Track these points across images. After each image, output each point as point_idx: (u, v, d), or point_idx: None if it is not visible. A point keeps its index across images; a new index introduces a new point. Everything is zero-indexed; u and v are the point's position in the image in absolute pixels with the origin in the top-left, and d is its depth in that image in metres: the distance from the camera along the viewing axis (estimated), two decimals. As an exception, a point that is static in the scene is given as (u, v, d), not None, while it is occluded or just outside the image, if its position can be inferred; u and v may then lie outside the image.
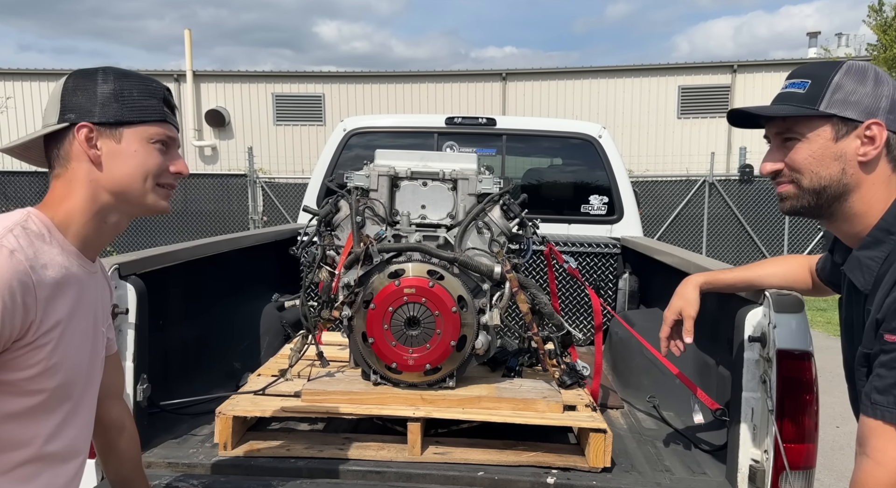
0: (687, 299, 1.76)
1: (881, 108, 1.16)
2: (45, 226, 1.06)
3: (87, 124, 1.08)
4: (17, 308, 0.96)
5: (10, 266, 0.95)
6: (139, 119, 1.12)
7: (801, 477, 1.65)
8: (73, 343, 1.07)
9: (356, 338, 2.01)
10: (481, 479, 1.80)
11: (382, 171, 2.12)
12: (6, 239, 0.98)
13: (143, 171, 1.12)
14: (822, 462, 4.16)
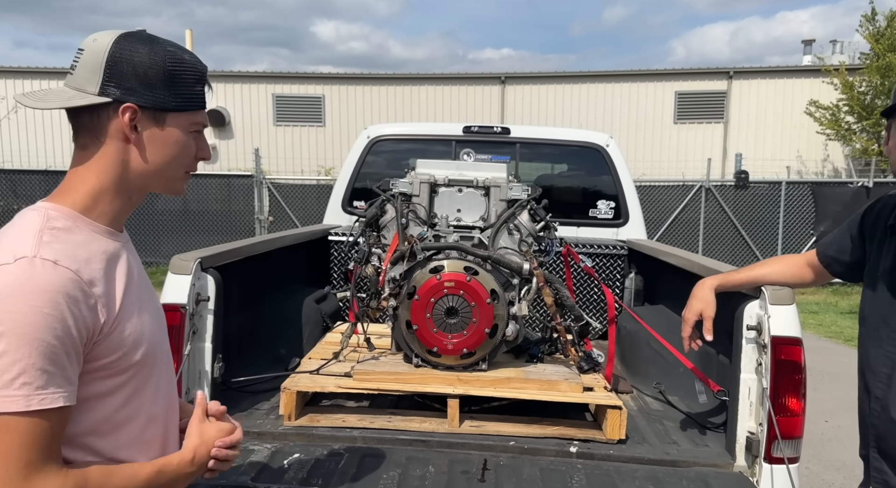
0: (706, 301, 2.00)
1: None
2: (69, 219, 1.00)
3: (133, 105, 1.00)
4: (85, 312, 0.93)
5: (59, 277, 0.91)
6: (184, 106, 1.06)
7: (790, 445, 1.93)
8: (138, 315, 1.05)
9: (400, 326, 2.28)
10: (513, 448, 2.07)
11: (423, 179, 2.39)
12: (43, 250, 0.92)
13: (180, 159, 1.08)
14: (812, 453, 4.48)
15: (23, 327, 0.87)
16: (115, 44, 1.01)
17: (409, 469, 1.90)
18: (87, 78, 1.00)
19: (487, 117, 17.88)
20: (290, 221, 12.11)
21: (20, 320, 0.87)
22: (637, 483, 1.88)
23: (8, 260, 0.90)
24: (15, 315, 0.87)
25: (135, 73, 1.00)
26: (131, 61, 1.00)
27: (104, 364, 0.98)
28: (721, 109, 17.70)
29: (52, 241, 0.94)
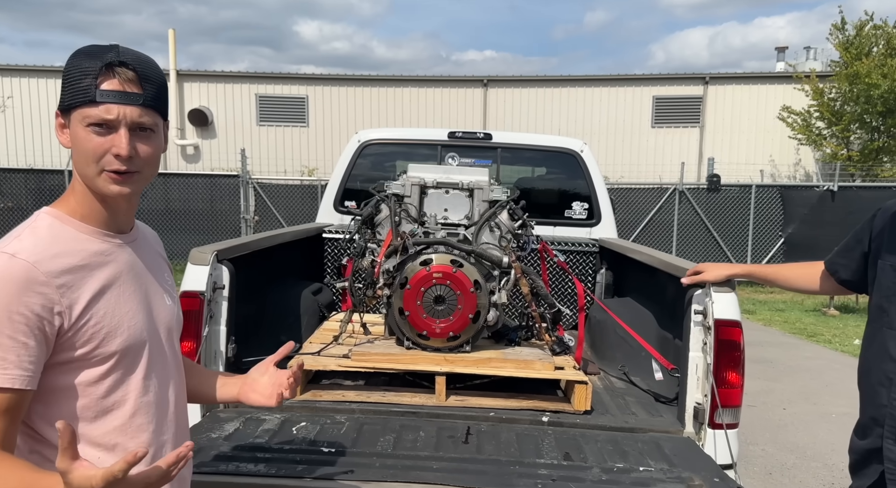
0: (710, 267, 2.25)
1: None
2: (54, 219, 1.10)
3: (57, 110, 1.09)
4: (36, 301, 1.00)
5: (13, 267, 0.99)
6: (74, 102, 1.06)
7: (730, 413, 2.25)
8: (121, 308, 1.11)
9: (394, 312, 2.56)
10: (492, 418, 2.37)
11: (414, 181, 2.68)
12: (12, 245, 1.03)
13: (84, 156, 1.07)
14: (769, 436, 4.86)
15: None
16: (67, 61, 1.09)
17: (402, 434, 2.19)
18: None
19: (470, 119, 18.18)
20: (275, 221, 12.31)
21: None
22: (599, 445, 2.18)
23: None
24: None
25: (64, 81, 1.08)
26: (65, 71, 1.09)
27: (80, 354, 1.05)
28: (697, 114, 18.18)
29: (25, 238, 1.04)
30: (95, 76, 1.05)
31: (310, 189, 13.25)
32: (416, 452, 2.05)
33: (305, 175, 15.68)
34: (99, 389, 1.09)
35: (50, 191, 12.43)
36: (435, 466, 1.94)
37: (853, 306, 9.92)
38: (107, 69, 1.06)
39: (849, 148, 15.63)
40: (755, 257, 12.39)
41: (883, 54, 14.61)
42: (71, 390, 1.06)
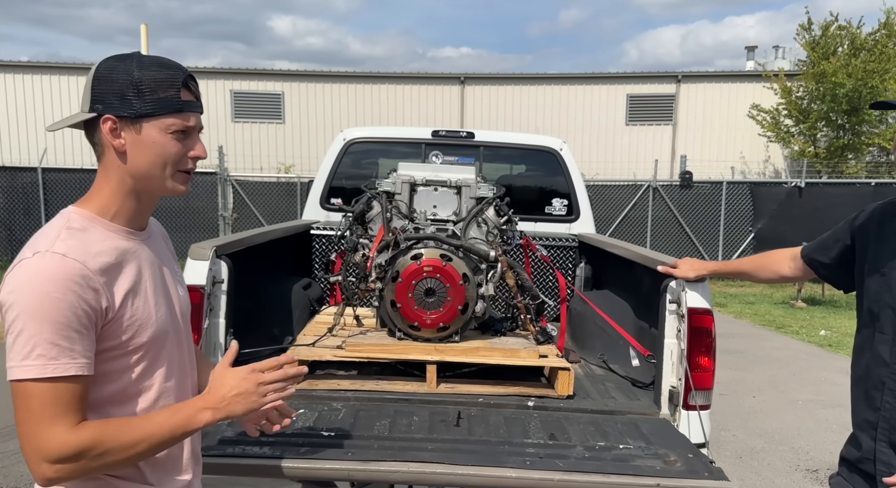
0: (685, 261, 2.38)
1: None
2: (85, 219, 1.18)
3: (111, 117, 1.15)
4: (87, 297, 1.09)
5: (63, 267, 1.08)
6: (156, 111, 1.16)
7: (702, 395, 2.41)
8: (149, 302, 1.22)
9: (386, 304, 2.68)
10: (481, 403, 2.50)
11: (405, 179, 2.80)
12: (56, 245, 1.10)
13: (162, 161, 1.18)
14: (739, 422, 5.09)
15: (36, 309, 1.05)
16: (99, 67, 1.18)
17: (397, 418, 2.31)
18: (83, 100, 1.19)
19: (447, 117, 18.30)
20: (254, 218, 12.30)
21: (33, 304, 1.06)
22: (581, 426, 2.33)
23: (28, 255, 1.10)
24: (29, 300, 1.06)
25: (111, 89, 1.16)
26: (108, 79, 1.16)
27: (116, 344, 1.16)
28: (670, 112, 18.55)
29: (67, 239, 1.12)
30: (178, 88, 1.19)
31: (287, 186, 13.25)
32: (411, 435, 2.17)
33: (282, 172, 15.65)
34: (130, 376, 1.20)
35: (22, 190, 12.26)
36: (430, 447, 2.06)
37: (819, 299, 10.29)
38: (189, 82, 1.21)
39: (816, 145, 16.11)
40: (726, 251, 12.74)
41: (847, 54, 15.10)
42: (107, 377, 1.17)
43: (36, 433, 1.07)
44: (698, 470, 2.00)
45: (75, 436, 1.07)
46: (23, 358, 1.06)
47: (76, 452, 1.07)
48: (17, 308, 1.06)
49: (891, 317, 1.60)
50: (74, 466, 1.08)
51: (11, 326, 1.07)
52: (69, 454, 1.07)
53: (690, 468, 2.01)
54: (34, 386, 1.06)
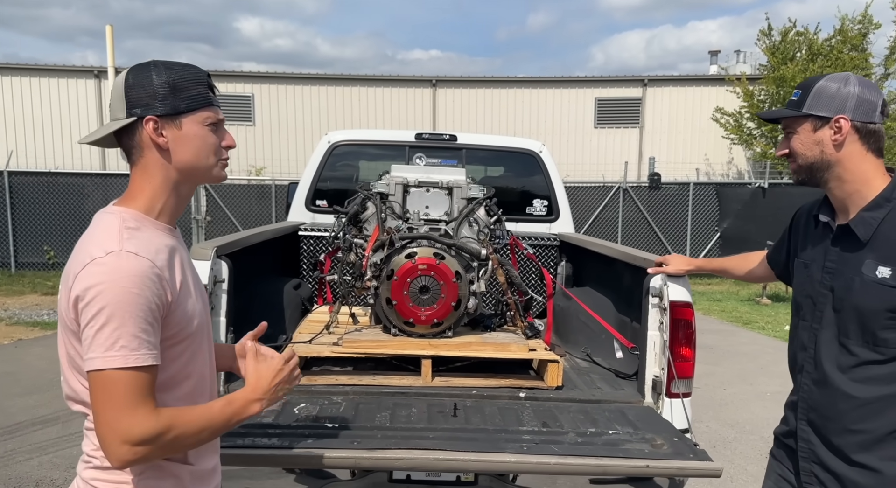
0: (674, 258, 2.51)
1: (848, 107, 1.58)
2: (137, 220, 1.25)
3: (152, 117, 1.24)
4: (160, 292, 1.20)
5: (140, 266, 1.17)
6: (193, 107, 1.27)
7: (684, 383, 2.56)
8: (193, 293, 1.32)
9: (381, 302, 2.77)
10: (475, 395, 2.61)
11: (398, 181, 2.90)
12: (127, 245, 1.18)
13: (206, 151, 1.30)
14: (711, 414, 5.30)
15: (119, 304, 1.14)
16: (128, 76, 1.27)
17: (396, 410, 2.40)
18: (118, 107, 1.27)
19: (420, 119, 18.37)
20: (228, 221, 12.21)
21: (116, 299, 1.14)
22: (572, 415, 2.45)
23: (100, 254, 1.17)
24: (112, 295, 1.14)
25: (147, 92, 1.25)
26: (143, 84, 1.25)
27: (172, 334, 1.25)
28: (637, 115, 18.93)
29: (130, 238, 1.20)
30: (205, 84, 1.30)
31: (260, 189, 13.18)
32: (411, 425, 2.27)
33: (253, 174, 15.53)
34: (176, 364, 1.29)
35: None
36: (431, 436, 2.16)
37: (784, 295, 10.68)
38: (210, 80, 1.33)
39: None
40: (693, 250, 13.09)
41: (806, 59, 15.63)
42: (162, 364, 1.24)
43: (119, 418, 1.15)
44: (684, 452, 2.14)
45: (155, 420, 1.16)
46: (106, 349, 1.14)
47: (155, 434, 1.16)
48: (100, 302, 1.14)
49: (810, 306, 1.72)
50: (151, 448, 1.16)
51: (93, 320, 1.14)
52: (150, 436, 1.15)
53: (676, 450, 2.14)
54: (117, 374, 1.15)
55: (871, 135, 1.61)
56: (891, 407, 1.58)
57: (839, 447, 1.66)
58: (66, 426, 4.58)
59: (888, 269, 1.55)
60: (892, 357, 1.57)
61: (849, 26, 15.58)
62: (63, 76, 17.53)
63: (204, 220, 12.02)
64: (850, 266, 1.62)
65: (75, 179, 12.37)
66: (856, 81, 1.61)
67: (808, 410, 1.73)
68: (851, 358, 1.62)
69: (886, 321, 1.56)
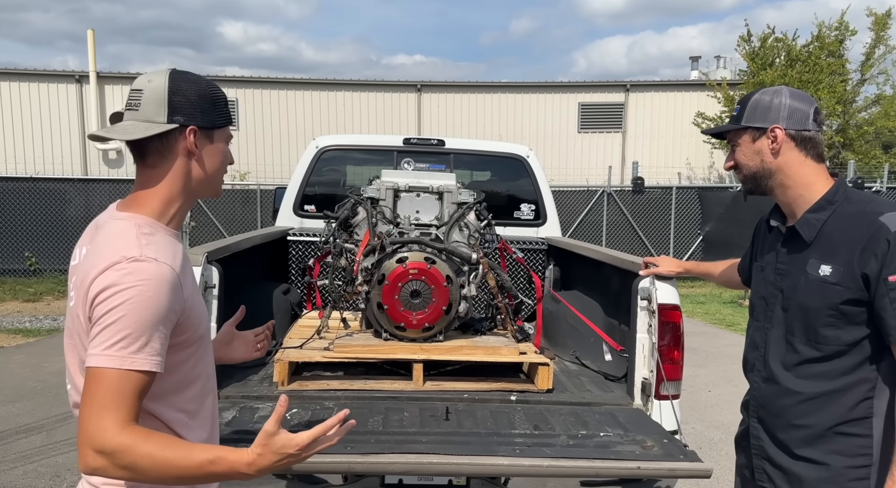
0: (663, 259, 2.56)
1: (781, 117, 1.68)
2: (151, 226, 1.25)
3: (195, 128, 1.28)
4: (178, 298, 1.21)
5: (161, 272, 1.17)
6: (224, 123, 1.34)
7: (673, 385, 2.59)
8: (199, 297, 1.35)
9: (372, 306, 2.77)
10: (467, 399, 2.62)
11: (388, 185, 2.91)
12: (147, 250, 1.18)
13: (224, 166, 1.37)
14: (697, 416, 5.35)
15: (134, 308, 1.13)
16: (171, 82, 1.27)
17: (389, 414, 2.41)
18: (155, 111, 1.26)
19: (404, 124, 18.37)
20: (212, 227, 12.11)
21: (133, 303, 1.13)
22: (563, 417, 2.48)
23: (119, 259, 1.16)
24: (129, 298, 1.13)
25: (189, 102, 1.27)
26: (185, 93, 1.27)
27: (185, 338, 1.26)
28: (620, 119, 19.10)
29: (148, 244, 1.20)
30: (227, 103, 1.36)
31: (244, 194, 13.10)
32: (404, 429, 2.28)
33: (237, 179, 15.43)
34: (188, 365, 1.30)
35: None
36: (424, 440, 2.17)
37: (764, 297, 10.80)
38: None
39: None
40: (677, 253, 13.22)
41: (784, 65, 15.89)
42: (173, 367, 1.25)
43: (92, 419, 1.11)
44: (674, 453, 2.17)
45: (118, 433, 1.11)
46: (106, 347, 1.12)
47: (112, 449, 1.10)
48: (114, 302, 1.13)
49: (763, 306, 1.80)
50: (107, 462, 1.11)
51: (104, 317, 1.13)
52: (107, 448, 1.10)
53: (667, 452, 2.17)
54: (107, 373, 1.12)
55: (808, 141, 1.69)
56: (831, 402, 1.64)
57: (784, 442, 1.72)
58: (51, 434, 4.51)
59: (829, 267, 1.61)
60: (831, 354, 1.63)
61: (826, 33, 15.87)
62: (44, 81, 17.30)
63: (188, 226, 11.93)
64: (796, 266, 1.70)
65: (56, 185, 12.20)
66: (787, 93, 1.70)
67: (759, 408, 1.80)
68: (795, 355, 1.69)
69: (826, 318, 1.62)
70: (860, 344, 1.61)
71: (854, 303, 1.59)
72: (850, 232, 1.61)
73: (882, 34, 15.93)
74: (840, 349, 1.63)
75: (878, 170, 14.00)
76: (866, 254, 1.55)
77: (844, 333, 1.62)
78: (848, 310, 1.59)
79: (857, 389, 1.62)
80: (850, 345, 1.62)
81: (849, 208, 1.65)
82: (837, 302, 1.60)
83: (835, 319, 1.61)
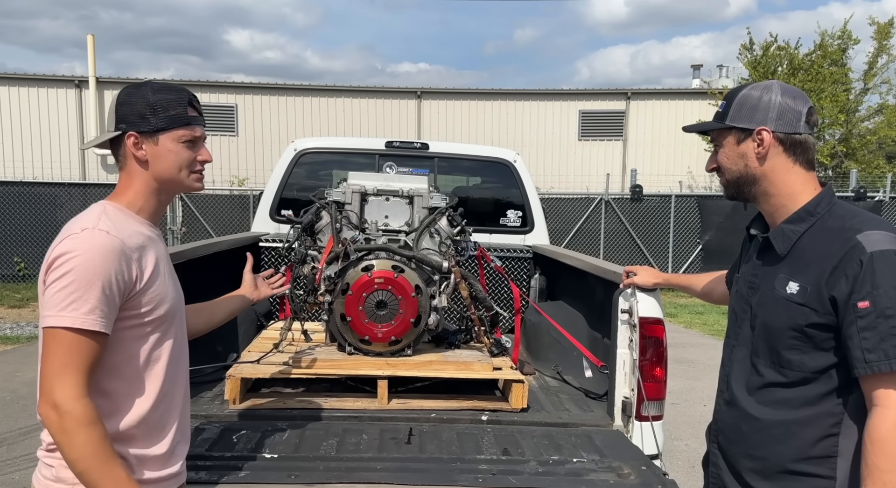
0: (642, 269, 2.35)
1: (770, 117, 1.49)
2: (117, 210, 1.42)
3: (133, 133, 1.43)
4: (124, 269, 1.32)
5: (110, 241, 1.31)
6: (170, 126, 1.44)
7: (655, 404, 2.40)
8: (166, 283, 1.46)
9: (335, 318, 2.59)
10: (434, 419, 2.43)
11: (355, 189, 2.73)
12: (101, 224, 1.33)
13: (178, 165, 1.45)
14: (691, 432, 5.14)
15: (82, 272, 1.27)
16: (120, 95, 1.47)
17: (345, 437, 2.22)
18: (109, 122, 1.47)
19: (404, 130, 18.26)
20: (204, 232, 11.96)
21: (79, 267, 1.27)
22: (535, 440, 2.28)
23: (77, 230, 1.32)
24: (76, 264, 1.27)
25: (133, 111, 1.43)
26: (129, 103, 1.44)
27: (138, 313, 1.38)
28: (620, 127, 18.97)
29: (106, 220, 1.35)
30: (185, 106, 1.47)
31: (240, 199, 12.96)
32: (359, 454, 2.09)
33: (235, 185, 15.31)
34: (144, 343, 1.41)
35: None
36: (378, 467, 1.98)
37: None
38: (193, 101, 1.49)
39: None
40: (676, 262, 13.02)
41: (786, 74, 15.75)
42: (125, 342, 1.37)
43: (52, 376, 1.24)
44: (651, 483, 1.98)
45: (74, 397, 1.24)
46: (60, 309, 1.26)
47: (66, 410, 1.23)
48: (64, 268, 1.27)
49: (733, 321, 1.65)
50: (58, 421, 1.23)
51: (55, 283, 1.27)
52: (63, 407, 1.23)
53: (644, 481, 1.98)
54: (65, 333, 1.25)
55: (797, 146, 1.50)
56: (791, 435, 1.46)
57: (740, 472, 1.56)
58: (12, 449, 4.32)
59: (796, 285, 1.45)
60: (796, 380, 1.46)
61: (829, 41, 15.73)
62: (44, 85, 17.28)
63: (180, 231, 11.79)
64: (766, 280, 1.54)
65: (49, 189, 12.06)
66: (779, 89, 1.51)
67: (718, 433, 1.65)
68: (759, 378, 1.53)
69: (790, 340, 1.45)
70: (827, 372, 1.42)
71: (820, 328, 1.41)
72: (824, 248, 1.43)
73: (885, 43, 15.79)
74: (805, 376, 1.44)
75: (881, 180, 13.80)
76: (837, 274, 1.37)
77: (810, 359, 1.43)
78: (814, 333, 1.42)
79: (820, 423, 1.43)
80: (816, 373, 1.43)
81: (830, 222, 1.46)
82: (802, 324, 1.42)
83: (799, 342, 1.44)
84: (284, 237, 3.92)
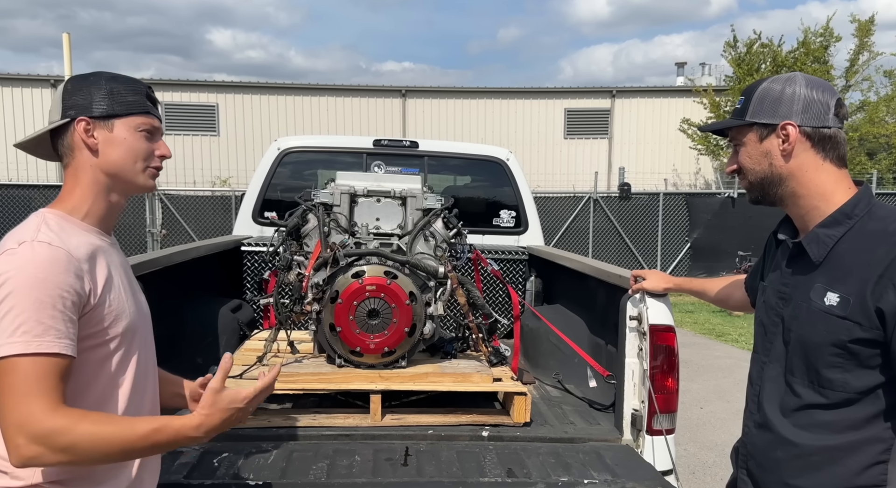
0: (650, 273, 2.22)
1: (795, 110, 1.37)
2: (61, 219, 1.26)
3: (85, 118, 1.28)
4: (74, 281, 1.17)
5: (53, 253, 1.16)
6: (127, 111, 1.31)
7: (667, 418, 2.25)
8: (122, 296, 1.30)
9: (324, 329, 2.41)
10: (431, 436, 2.26)
11: (344, 190, 2.55)
12: (41, 235, 1.18)
13: (133, 155, 1.31)
14: (689, 436, 5.01)
15: (23, 289, 1.11)
16: (68, 83, 1.32)
17: (336, 459, 2.05)
18: (54, 112, 1.31)
19: (389, 129, 18.08)
20: (185, 234, 11.68)
21: (21, 286, 1.11)
22: (541, 458, 2.13)
23: (14, 245, 1.17)
24: (17, 282, 1.12)
25: (83, 96, 1.29)
26: (80, 89, 1.30)
27: (96, 331, 1.23)
28: (606, 126, 18.95)
29: (46, 232, 1.20)
30: (145, 95, 1.34)
31: (222, 200, 12.70)
32: (352, 479, 1.92)
33: (217, 185, 15.03)
34: (108, 366, 1.25)
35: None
36: (374, 493, 1.82)
37: (754, 306, 10.55)
38: (150, 92, 1.37)
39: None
40: (664, 260, 12.97)
41: (770, 71, 15.77)
42: (86, 365, 1.21)
43: (18, 407, 1.09)
44: (670, 504, 1.83)
45: (51, 415, 1.09)
46: (8, 335, 1.10)
47: (48, 431, 1.09)
48: (5, 290, 1.11)
49: (761, 334, 1.52)
50: (43, 449, 1.09)
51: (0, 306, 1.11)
52: (43, 431, 1.08)
53: (661, 502, 1.83)
54: (17, 361, 1.10)
55: (827, 141, 1.37)
56: (834, 462, 1.32)
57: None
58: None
59: (836, 296, 1.31)
60: (838, 401, 1.32)
61: (811, 39, 15.78)
62: (18, 85, 16.89)
63: (160, 234, 11.50)
64: (800, 290, 1.40)
65: (21, 191, 11.71)
66: (803, 81, 1.39)
67: (748, 457, 1.52)
68: (795, 399, 1.39)
69: (830, 357, 1.31)
70: (874, 392, 1.28)
71: (866, 343, 1.27)
72: (866, 254, 1.29)
73: (866, 40, 15.88)
74: (849, 397, 1.30)
75: (863, 177, 13.86)
76: (883, 283, 1.24)
77: (854, 378, 1.29)
78: (858, 350, 1.28)
79: (867, 449, 1.29)
80: (862, 393, 1.29)
81: (870, 224, 1.33)
82: (845, 339, 1.28)
83: (841, 360, 1.30)
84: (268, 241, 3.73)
